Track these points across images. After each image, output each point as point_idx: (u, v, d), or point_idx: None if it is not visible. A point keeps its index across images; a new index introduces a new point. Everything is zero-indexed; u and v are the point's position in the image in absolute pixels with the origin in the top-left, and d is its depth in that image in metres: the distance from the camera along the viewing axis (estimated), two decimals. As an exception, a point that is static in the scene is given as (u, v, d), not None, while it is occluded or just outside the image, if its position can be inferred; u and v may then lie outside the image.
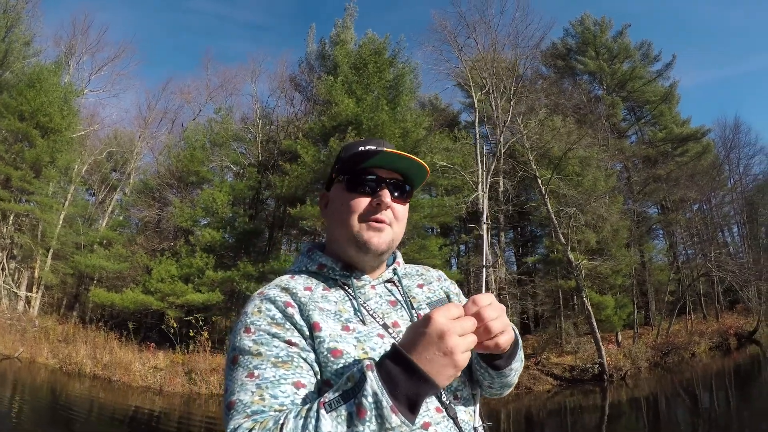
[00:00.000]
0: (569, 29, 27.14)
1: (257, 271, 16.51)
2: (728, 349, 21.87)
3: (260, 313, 0.92)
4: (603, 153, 18.98)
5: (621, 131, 25.22)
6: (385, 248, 1.01)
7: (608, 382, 16.69)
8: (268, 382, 0.84)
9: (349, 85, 16.94)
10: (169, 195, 21.21)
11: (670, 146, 24.31)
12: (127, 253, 21.60)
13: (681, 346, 20.14)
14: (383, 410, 0.71)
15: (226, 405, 0.84)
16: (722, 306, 26.07)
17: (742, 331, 23.32)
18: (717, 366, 19.62)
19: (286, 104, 22.46)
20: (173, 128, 26.04)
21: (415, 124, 16.09)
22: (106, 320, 20.53)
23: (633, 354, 18.27)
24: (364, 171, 1.01)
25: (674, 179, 21.80)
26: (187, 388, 15.96)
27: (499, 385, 1.06)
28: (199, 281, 17.99)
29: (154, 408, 13.96)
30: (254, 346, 0.88)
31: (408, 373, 0.73)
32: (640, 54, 26.47)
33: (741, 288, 22.62)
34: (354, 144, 1.08)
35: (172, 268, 18.79)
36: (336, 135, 15.19)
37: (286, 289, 0.96)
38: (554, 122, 17.72)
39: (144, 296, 18.36)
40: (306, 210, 14.63)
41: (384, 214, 1.00)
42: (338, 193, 1.05)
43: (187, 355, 17.64)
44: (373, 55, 17.53)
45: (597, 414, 14.33)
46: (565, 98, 18.69)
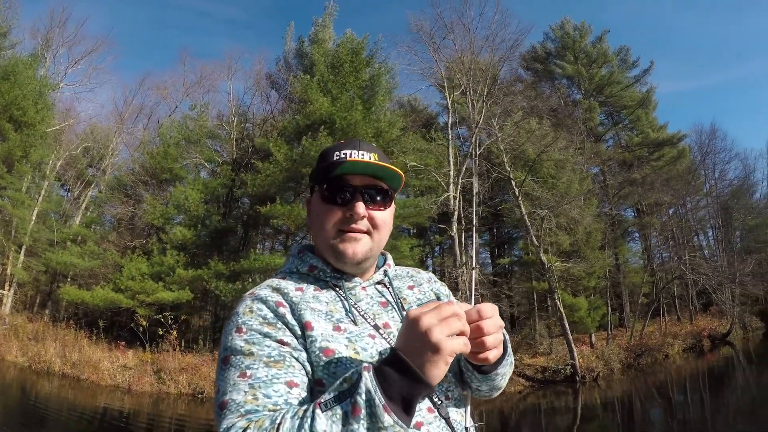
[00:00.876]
0: (549, 33, 27.42)
1: (228, 269, 16.35)
2: (701, 351, 22.16)
3: (252, 313, 0.92)
4: (578, 156, 19.11)
5: (598, 135, 25.47)
6: (361, 257, 1.01)
7: (580, 384, 16.80)
8: (260, 381, 0.83)
9: (324, 84, 16.85)
10: (142, 192, 20.93)
11: (646, 151, 24.61)
12: (99, 250, 21.30)
13: (654, 347, 20.34)
14: (376, 408, 0.71)
15: (218, 405, 0.84)
16: (696, 308, 26.44)
17: (715, 333, 23.67)
18: (690, 367, 19.85)
19: (262, 102, 22.32)
20: (149, 124, 25.76)
21: (389, 124, 16.05)
22: (80, 318, 20.26)
23: (606, 355, 18.40)
24: (338, 180, 1.00)
25: (649, 183, 22.06)
26: (155, 388, 15.89)
27: (487, 388, 1.07)
28: (170, 279, 17.78)
29: (123, 407, 13.90)
30: (246, 346, 0.87)
31: (400, 373, 0.74)
32: (618, 59, 26.79)
33: (714, 291, 22.96)
34: (330, 150, 1.05)
35: (143, 266, 18.57)
36: (309, 134, 15.08)
37: (277, 289, 0.96)
38: (530, 125, 17.82)
39: (114, 294, 18.15)
40: (276, 209, 14.51)
41: (360, 223, 1.00)
42: (316, 202, 1.05)
43: (157, 354, 17.51)
44: (350, 54, 17.45)
45: (569, 415, 14.41)
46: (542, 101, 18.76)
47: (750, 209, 30.48)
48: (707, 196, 27.39)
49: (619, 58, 26.83)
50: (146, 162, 21.50)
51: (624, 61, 26.94)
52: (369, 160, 1.00)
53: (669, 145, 24.79)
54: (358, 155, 1.01)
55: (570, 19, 26.67)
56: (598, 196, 20.88)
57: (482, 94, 16.12)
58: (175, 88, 25.53)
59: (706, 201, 27.49)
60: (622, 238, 23.72)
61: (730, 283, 22.85)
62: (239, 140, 20.47)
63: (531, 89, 20.90)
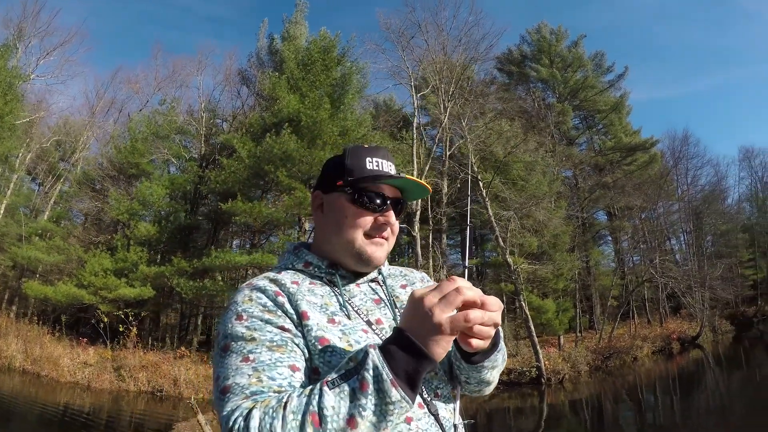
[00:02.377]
0: (526, 37, 27.59)
1: (192, 267, 16.15)
2: (671, 354, 22.36)
3: (251, 301, 0.92)
4: (549, 159, 19.19)
5: (571, 138, 25.65)
6: (384, 262, 1.08)
7: (546, 386, 16.79)
8: (264, 365, 0.84)
9: (295, 81, 16.71)
10: (110, 187, 20.60)
11: (619, 155, 24.84)
12: (66, 245, 20.95)
13: (623, 350, 20.43)
14: (384, 383, 0.73)
15: (220, 390, 0.82)
16: (666, 311, 26.76)
17: (685, 336, 23.92)
18: (659, 369, 19.96)
19: (233, 98, 22.09)
20: (119, 118, 25.35)
21: (357, 123, 15.95)
22: (48, 315, 20.00)
23: (573, 358, 18.44)
24: (377, 188, 1.03)
25: (620, 187, 22.25)
26: (115, 385, 15.88)
27: (476, 381, 1.07)
28: (134, 276, 17.55)
29: (83, 405, 13.82)
30: (247, 332, 0.88)
31: (405, 350, 0.76)
32: (593, 64, 27.03)
33: (683, 294, 23.23)
34: (361, 153, 1.07)
35: (107, 261, 18.30)
36: (273, 131, 14.93)
37: (274, 281, 0.98)
38: (501, 126, 17.84)
39: (77, 290, 17.94)
40: (237, 205, 14.32)
41: (386, 231, 1.05)
42: (341, 203, 1.05)
43: (117, 352, 17.37)
44: (322, 52, 17.32)
45: (534, 416, 14.39)
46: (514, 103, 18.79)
47: (721, 214, 31.03)
48: (679, 201, 27.79)
49: (594, 62, 27.10)
50: (114, 157, 21.17)
51: (599, 66, 27.21)
52: (394, 173, 1.06)
53: (641, 150, 25.06)
54: (387, 166, 1.06)
55: (547, 23, 26.92)
56: (568, 198, 20.99)
57: (452, 94, 16.09)
58: (147, 82, 25.16)
59: (678, 206, 27.88)
60: (593, 240, 23.89)
61: (700, 287, 23.15)
62: (208, 136, 20.23)
63: (504, 91, 20.94)
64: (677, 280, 22.47)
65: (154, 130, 20.06)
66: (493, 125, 17.57)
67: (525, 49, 27.29)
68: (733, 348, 23.99)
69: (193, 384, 15.63)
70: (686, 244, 28.85)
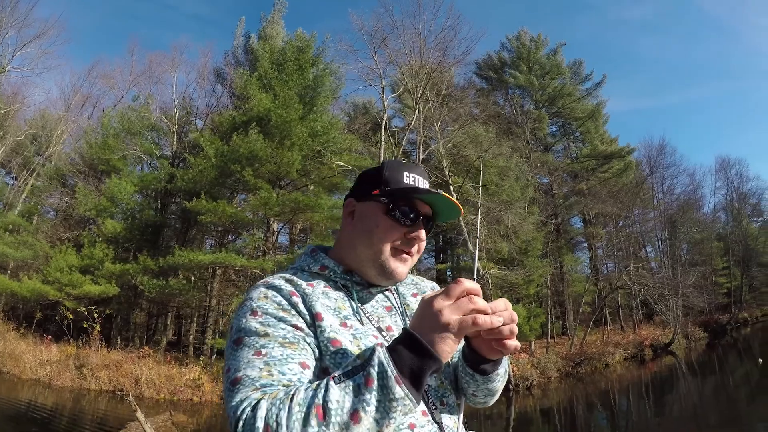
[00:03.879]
0: (506, 43, 27.70)
1: (157, 265, 15.93)
2: (643, 360, 22.48)
3: (266, 298, 0.93)
4: (523, 164, 19.23)
5: (547, 145, 25.80)
6: (404, 278, 1.08)
7: (513, 392, 16.76)
8: (275, 359, 0.85)
9: (268, 81, 16.57)
10: (80, 182, 20.27)
11: (595, 162, 25.04)
12: (35, 240, 20.61)
13: (594, 356, 20.50)
14: (388, 380, 0.74)
15: (231, 381, 0.83)
16: (640, 318, 26.98)
17: (658, 343, 24.11)
18: (630, 376, 19.99)
19: (207, 96, 21.87)
20: (94, 113, 24.96)
21: (329, 125, 15.86)
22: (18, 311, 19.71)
23: (542, 364, 18.45)
24: (407, 200, 1.03)
25: (594, 194, 22.40)
26: (76, 383, 15.69)
27: (483, 393, 1.09)
28: (99, 273, 17.30)
29: (45, 403, 13.59)
30: (261, 328, 0.89)
31: (411, 348, 0.77)
32: (571, 72, 27.23)
33: (655, 301, 23.44)
34: (399, 166, 1.08)
35: (73, 258, 18.01)
36: (240, 130, 14.78)
37: (289, 281, 0.99)
38: (475, 130, 17.84)
39: (42, 286, 17.68)
40: (201, 204, 14.14)
41: (414, 246, 1.05)
42: (374, 212, 1.05)
43: (80, 350, 17.15)
44: (296, 52, 17.21)
45: (501, 422, 14.36)
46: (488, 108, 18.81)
47: (696, 223, 31.47)
48: (655, 209, 28.10)
49: (572, 71, 27.30)
50: (85, 152, 20.85)
51: (577, 74, 27.42)
52: (430, 189, 1.05)
53: (617, 158, 25.30)
54: (423, 183, 1.07)
55: (527, 30, 27.08)
56: (542, 204, 21.07)
57: (422, 96, 16.07)
58: (123, 77, 24.78)
59: (653, 214, 28.19)
60: (567, 247, 24.01)
61: (674, 294, 23.37)
62: (180, 134, 20.00)
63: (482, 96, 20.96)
64: (650, 288, 22.68)
65: (127, 126, 19.79)
66: (468, 130, 17.58)
67: (504, 56, 27.45)
68: (706, 355, 24.18)
69: (154, 384, 15.47)
70: (661, 252, 29.16)
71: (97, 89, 26.31)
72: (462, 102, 18.50)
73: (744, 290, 34.27)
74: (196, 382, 15.68)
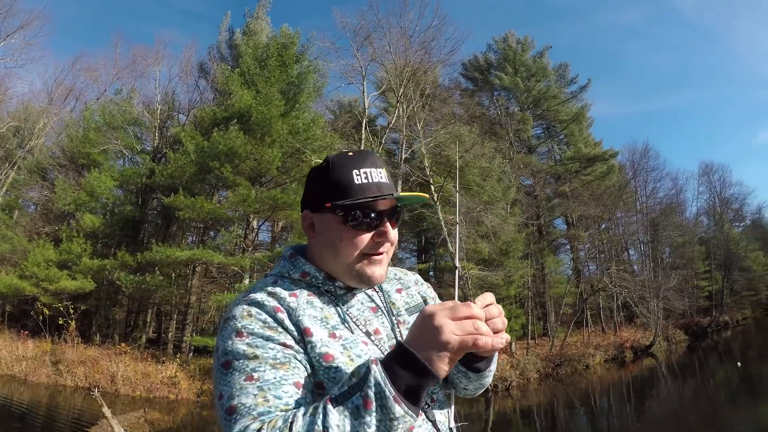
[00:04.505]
0: (492, 45, 27.81)
1: (135, 261, 15.77)
2: (623, 362, 22.64)
3: (251, 317, 0.90)
4: (506, 166, 19.31)
5: (531, 147, 25.96)
6: (385, 278, 1.04)
7: (492, 393, 16.77)
8: (269, 383, 0.83)
9: (251, 76, 16.48)
10: (60, 176, 20.03)
11: (578, 165, 25.24)
12: (13, 234, 20.34)
13: (574, 357, 20.60)
14: (386, 400, 0.72)
15: (226, 410, 0.81)
16: (622, 320, 27.22)
17: (638, 345, 24.30)
18: (611, 378, 20.10)
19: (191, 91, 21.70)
20: (77, 106, 24.65)
21: (311, 122, 15.81)
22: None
23: (522, 365, 18.50)
24: (368, 206, 0.97)
25: (576, 196, 22.56)
26: (52, 380, 15.58)
27: (475, 387, 1.10)
28: (77, 268, 17.11)
29: (22, 399, 13.23)
30: (249, 350, 0.86)
31: (408, 365, 0.75)
32: (556, 75, 27.41)
33: (636, 303, 23.65)
34: (346, 165, 0.99)
35: (51, 252, 17.80)
36: (221, 126, 14.68)
37: (272, 294, 0.95)
38: (459, 131, 17.87)
39: (18, 281, 17.49)
40: (179, 200, 14.02)
41: (384, 246, 1.01)
42: (333, 224, 0.99)
43: (57, 345, 17.01)
44: (280, 48, 17.12)
45: (480, 423, 14.38)
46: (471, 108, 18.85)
47: (678, 227, 31.84)
48: (638, 212, 28.40)
49: (557, 73, 27.49)
50: (66, 145, 20.61)
51: (562, 77, 27.62)
52: (386, 180, 1.00)
53: (601, 160, 25.54)
54: (377, 175, 0.99)
55: (514, 32, 27.20)
56: (523, 206, 21.17)
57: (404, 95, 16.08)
58: (106, 70, 24.49)
59: (636, 217, 28.50)
60: (549, 248, 24.16)
61: (654, 296, 23.60)
62: (162, 129, 19.83)
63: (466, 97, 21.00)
64: (631, 290, 22.88)
65: (108, 120, 19.56)
66: (452, 129, 17.61)
67: (490, 57, 27.55)
68: (686, 357, 24.42)
69: (130, 381, 15.37)
70: (643, 255, 29.48)
71: (81, 82, 25.99)
72: (446, 102, 18.53)
73: (725, 294, 34.72)
74: (172, 379, 15.58)
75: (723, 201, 37.73)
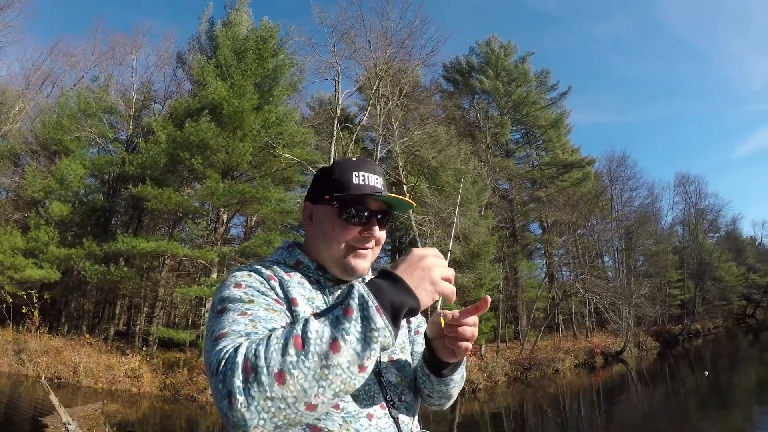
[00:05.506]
0: (475, 48, 27.96)
1: (102, 251, 15.55)
2: (593, 367, 22.83)
3: (250, 276, 0.99)
4: (482, 168, 19.40)
5: (509, 151, 26.15)
6: (367, 272, 1.11)
7: (459, 395, 16.77)
8: (261, 318, 0.87)
9: (227, 68, 16.35)
10: (31, 162, 19.65)
11: (555, 171, 25.47)
12: (-20, 221, 19.85)
13: (544, 361, 20.72)
14: (369, 310, 0.75)
15: (214, 338, 0.83)
16: (594, 325, 27.51)
17: (609, 351, 24.55)
18: (580, 383, 20.21)
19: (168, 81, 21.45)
20: (53, 92, 24.20)
21: (284, 116, 15.72)
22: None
23: (490, 368, 18.56)
24: (357, 201, 1.06)
25: (551, 201, 22.75)
26: (14, 369, 15.30)
27: (438, 395, 1.15)
28: (44, 257, 16.79)
29: None
30: (246, 296, 0.92)
31: (392, 284, 0.79)
32: (537, 81, 27.63)
33: (606, 309, 23.92)
34: (347, 167, 1.10)
35: (18, 240, 17.41)
36: (195, 117, 14.54)
37: (268, 267, 1.04)
38: (436, 131, 17.91)
39: (-18, 268, 16.96)
40: (147, 190, 13.86)
41: (370, 242, 1.08)
42: (328, 215, 1.09)
43: (20, 334, 16.71)
44: (259, 41, 17.00)
45: (446, 424, 14.39)
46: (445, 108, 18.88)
47: (652, 235, 32.32)
48: (614, 220, 28.74)
49: (538, 80, 27.71)
50: (39, 131, 20.25)
51: (543, 83, 27.87)
52: (381, 187, 1.09)
53: (577, 167, 25.79)
54: (374, 180, 1.09)
55: (498, 36, 27.38)
56: (497, 209, 21.30)
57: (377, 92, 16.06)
58: (85, 57, 24.08)
59: (612, 225, 28.81)
60: (522, 252, 24.33)
61: (626, 303, 23.87)
62: (137, 118, 19.56)
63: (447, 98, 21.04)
64: (602, 296, 23.13)
65: (83, 107, 19.25)
66: (428, 130, 17.64)
67: (473, 60, 27.69)
68: (656, 364, 24.60)
69: (93, 373, 15.18)
70: (617, 262, 29.82)
71: (59, 67, 25.52)
72: (423, 102, 18.56)
73: (697, 302, 35.31)
74: (135, 372, 15.42)
75: (698, 212, 38.41)
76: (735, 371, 19.74)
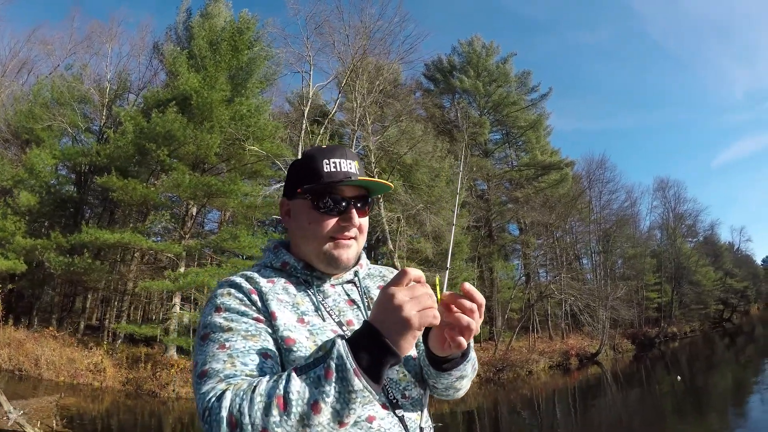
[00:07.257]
0: (457, 47, 28.03)
1: (68, 243, 15.29)
2: (568, 369, 22.92)
3: (229, 295, 0.97)
4: (457, 167, 19.41)
5: (488, 151, 26.24)
6: (353, 262, 1.08)
7: (428, 396, 16.73)
8: (238, 351, 0.88)
9: (201, 59, 16.18)
10: (3, 151, 19.29)
11: (533, 172, 25.60)
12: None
13: (517, 363, 20.77)
14: (347, 373, 0.75)
15: (198, 375, 0.87)
16: (570, 327, 27.66)
17: (584, 353, 24.67)
18: (554, 384, 20.25)
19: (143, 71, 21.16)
20: (29, 79, 23.76)
21: (255, 109, 15.60)
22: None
23: (461, 368, 18.56)
24: (330, 190, 1.03)
25: (528, 202, 22.84)
26: None
27: (444, 386, 1.09)
28: (10, 247, 16.49)
29: None
30: (225, 323, 0.92)
31: (371, 342, 0.78)
32: (518, 82, 27.77)
33: (581, 311, 24.07)
34: (317, 156, 1.06)
35: (-17, 229, 17.08)
36: (162, 108, 14.36)
37: (250, 279, 1.01)
38: (412, 128, 17.89)
39: (-54, 259, 16.61)
40: (112, 180, 13.66)
41: (351, 231, 1.05)
42: (304, 209, 1.06)
43: (-17, 328, 16.37)
44: (235, 33, 16.85)
45: None
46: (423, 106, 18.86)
47: (630, 239, 32.66)
48: (592, 223, 28.98)
49: (519, 81, 27.86)
50: (11, 119, 19.91)
51: (524, 85, 28.03)
52: (356, 171, 1.05)
53: (556, 169, 25.95)
54: (346, 165, 1.04)
55: (480, 37, 27.47)
56: (473, 209, 21.34)
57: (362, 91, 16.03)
58: (62, 45, 23.65)
59: (590, 227, 29.06)
60: (498, 252, 24.41)
61: (602, 305, 24.03)
62: (111, 108, 19.29)
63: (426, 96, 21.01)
64: (577, 298, 23.28)
65: (57, 95, 18.96)
66: (403, 126, 17.61)
67: (454, 59, 27.79)
68: (632, 366, 24.76)
69: (55, 366, 14.98)
70: (595, 264, 30.06)
71: (35, 55, 25.06)
72: (400, 99, 18.54)
73: (674, 306, 35.73)
74: (98, 366, 15.24)
75: (676, 216, 38.86)
76: (711, 374, 19.91)
